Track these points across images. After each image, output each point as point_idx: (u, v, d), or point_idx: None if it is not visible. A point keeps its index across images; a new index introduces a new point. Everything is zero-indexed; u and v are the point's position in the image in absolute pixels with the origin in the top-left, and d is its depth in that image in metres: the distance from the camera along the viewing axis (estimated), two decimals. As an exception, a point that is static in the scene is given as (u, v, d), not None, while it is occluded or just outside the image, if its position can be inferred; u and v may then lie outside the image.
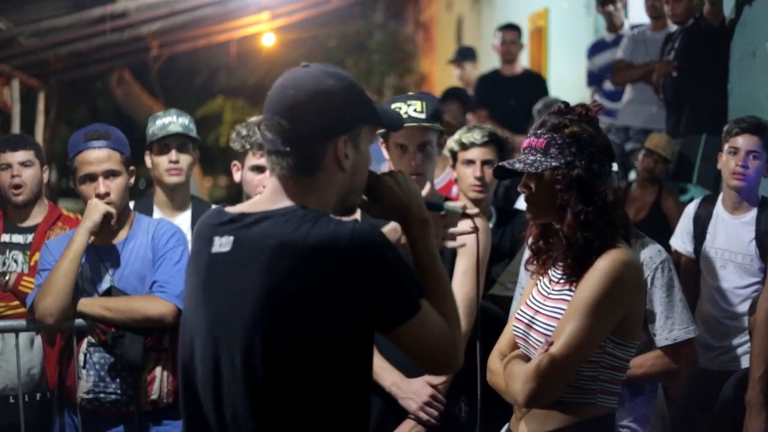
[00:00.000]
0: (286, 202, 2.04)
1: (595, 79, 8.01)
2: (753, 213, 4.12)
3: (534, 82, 8.04)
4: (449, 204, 2.45)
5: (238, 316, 1.97)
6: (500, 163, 2.70)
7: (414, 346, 2.05)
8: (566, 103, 2.68)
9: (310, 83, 2.04)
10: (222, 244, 2.03)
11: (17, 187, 4.25)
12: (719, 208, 4.22)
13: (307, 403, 1.96)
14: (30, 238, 4.26)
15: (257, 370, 1.95)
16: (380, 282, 1.95)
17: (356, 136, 2.07)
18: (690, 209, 4.37)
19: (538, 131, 2.62)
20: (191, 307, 2.11)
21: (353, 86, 2.08)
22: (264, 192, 2.12)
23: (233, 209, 2.11)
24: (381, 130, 3.47)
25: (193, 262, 2.12)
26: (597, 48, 7.96)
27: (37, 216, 4.34)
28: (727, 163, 4.11)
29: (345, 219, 2.07)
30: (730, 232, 4.15)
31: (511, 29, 8.25)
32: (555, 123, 2.60)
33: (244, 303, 1.96)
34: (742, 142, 4.07)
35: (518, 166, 2.61)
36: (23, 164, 4.26)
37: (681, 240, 4.37)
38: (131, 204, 4.23)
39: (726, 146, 4.12)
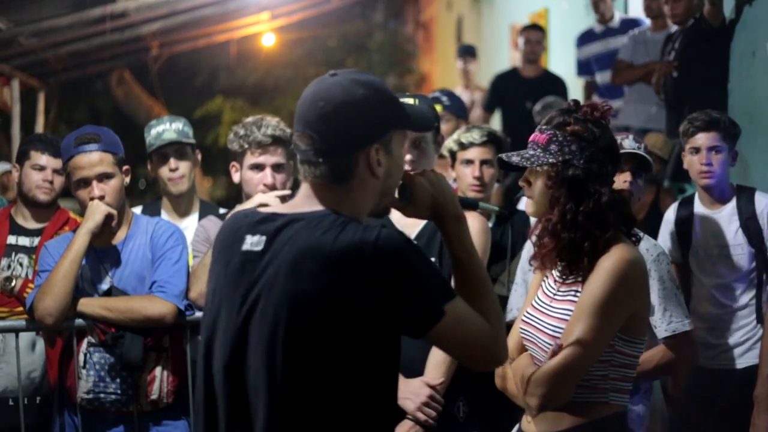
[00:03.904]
0: (318, 207, 2.06)
1: (584, 68, 8.02)
2: (732, 203, 4.13)
3: (553, 85, 7.85)
4: (484, 204, 2.47)
5: (264, 315, 1.99)
6: (500, 155, 2.72)
7: (449, 348, 2.11)
8: (576, 102, 2.70)
9: (340, 94, 2.05)
10: (254, 243, 2.04)
11: (46, 188, 4.27)
12: (698, 207, 4.23)
13: (327, 407, 1.96)
14: (36, 241, 4.26)
15: (278, 369, 1.96)
16: (403, 289, 1.96)
17: (388, 142, 2.09)
18: (670, 214, 4.36)
19: (543, 126, 2.65)
20: (215, 303, 2.11)
21: (382, 93, 2.10)
22: (297, 196, 2.14)
23: (266, 209, 2.14)
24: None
25: (220, 258, 2.12)
26: (585, 38, 7.97)
27: (45, 218, 4.34)
28: (691, 163, 4.13)
29: (374, 222, 2.08)
30: (714, 228, 4.16)
31: (536, 29, 8.24)
32: (560, 120, 2.62)
33: (270, 303, 1.98)
34: (701, 140, 4.08)
35: (515, 159, 2.63)
36: (57, 172, 4.27)
37: (664, 246, 4.37)
38: (139, 210, 4.24)
39: (687, 147, 4.13)
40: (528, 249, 3.72)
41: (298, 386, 1.96)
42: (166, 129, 4.25)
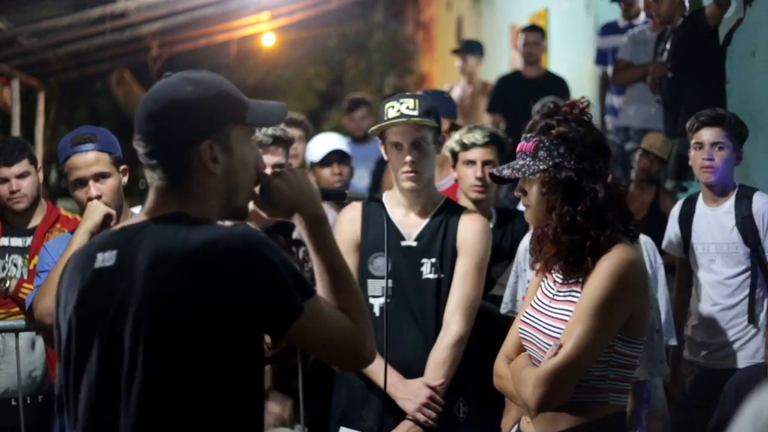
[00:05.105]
0: (165, 210, 2.04)
1: (601, 58, 8.05)
2: (731, 201, 4.15)
3: (556, 85, 7.82)
4: (351, 191, 2.46)
5: (123, 325, 1.95)
6: (491, 170, 2.72)
7: (311, 345, 2.08)
8: (555, 104, 2.69)
9: (167, 93, 2.03)
10: (105, 258, 2.01)
11: (17, 197, 4.25)
12: (700, 204, 4.27)
13: (192, 409, 1.94)
14: (29, 241, 4.26)
15: (141, 376, 1.93)
16: (259, 284, 1.93)
17: (225, 139, 2.05)
18: (675, 211, 4.41)
19: (528, 135, 2.64)
20: (72, 326, 2.07)
21: (215, 89, 2.06)
22: (145, 205, 2.11)
23: (116, 225, 2.14)
24: (374, 129, 3.49)
25: (72, 282, 2.08)
26: (608, 29, 8.04)
27: (36, 218, 4.33)
28: (694, 158, 4.16)
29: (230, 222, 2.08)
30: (713, 225, 4.19)
31: (534, 30, 8.25)
32: (543, 125, 2.62)
33: (128, 312, 1.95)
34: (705, 135, 4.11)
35: (506, 172, 2.63)
36: (20, 176, 4.25)
37: (669, 242, 4.41)
38: (137, 210, 4.24)
39: (692, 142, 4.17)
40: (525, 245, 3.74)
41: (163, 390, 1.93)
42: None
